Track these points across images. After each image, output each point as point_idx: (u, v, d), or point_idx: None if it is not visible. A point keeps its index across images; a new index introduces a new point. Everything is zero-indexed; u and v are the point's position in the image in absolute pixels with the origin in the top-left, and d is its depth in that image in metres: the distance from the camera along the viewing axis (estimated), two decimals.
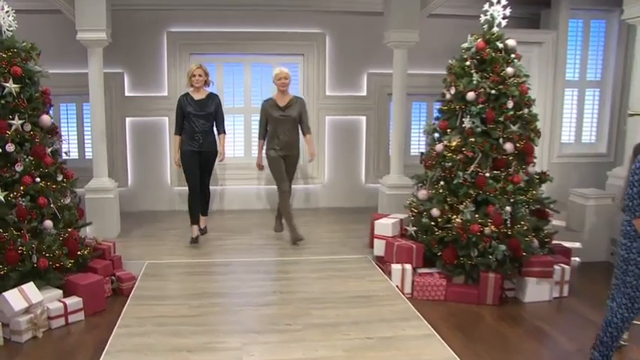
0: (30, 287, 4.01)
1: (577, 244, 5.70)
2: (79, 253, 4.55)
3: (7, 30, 4.44)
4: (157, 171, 7.50)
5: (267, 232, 6.44)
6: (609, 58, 7.55)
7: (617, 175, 5.95)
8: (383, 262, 5.29)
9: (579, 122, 7.79)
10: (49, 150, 4.55)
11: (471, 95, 4.81)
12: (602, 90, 7.67)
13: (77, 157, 7.14)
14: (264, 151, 6.11)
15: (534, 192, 4.92)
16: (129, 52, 7.12)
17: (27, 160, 4.32)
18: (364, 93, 7.78)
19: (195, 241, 5.84)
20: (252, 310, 4.26)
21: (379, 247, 5.35)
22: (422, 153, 5.43)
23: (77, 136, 7.37)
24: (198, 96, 5.83)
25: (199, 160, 5.86)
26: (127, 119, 7.32)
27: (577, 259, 5.46)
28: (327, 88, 7.68)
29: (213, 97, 5.90)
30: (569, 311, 4.56)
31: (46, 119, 4.51)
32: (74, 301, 4.19)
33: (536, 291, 4.75)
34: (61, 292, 4.27)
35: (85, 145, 7.34)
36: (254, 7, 7.30)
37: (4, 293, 3.85)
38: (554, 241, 5.17)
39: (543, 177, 5.05)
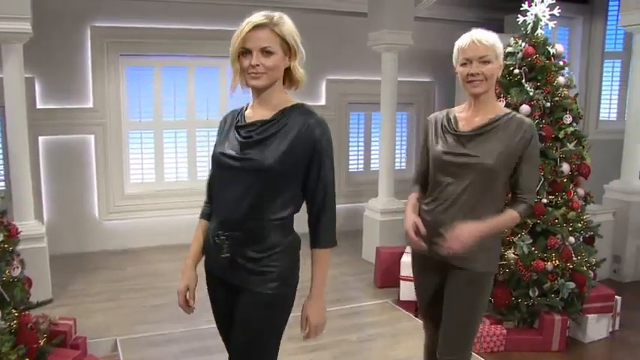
0: None
1: None
2: (36, 346, 3.08)
3: None
4: (80, 202, 5.87)
5: None
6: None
7: (613, 188, 5.66)
8: (414, 308, 4.43)
9: None
10: None
11: (525, 108, 4.09)
12: None
13: None
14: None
15: (584, 218, 4.37)
16: (40, 52, 5.34)
17: None
18: (323, 102, 6.84)
19: None
20: None
21: (407, 291, 4.46)
22: None
23: None
24: (258, 112, 2.00)
25: (232, 304, 2.08)
26: (40, 138, 5.60)
27: None
28: None
29: (299, 119, 1.95)
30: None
31: None
32: None
33: (595, 328, 4.22)
34: None
35: None
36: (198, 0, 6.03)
37: None
38: None
39: (589, 198, 4.52)
